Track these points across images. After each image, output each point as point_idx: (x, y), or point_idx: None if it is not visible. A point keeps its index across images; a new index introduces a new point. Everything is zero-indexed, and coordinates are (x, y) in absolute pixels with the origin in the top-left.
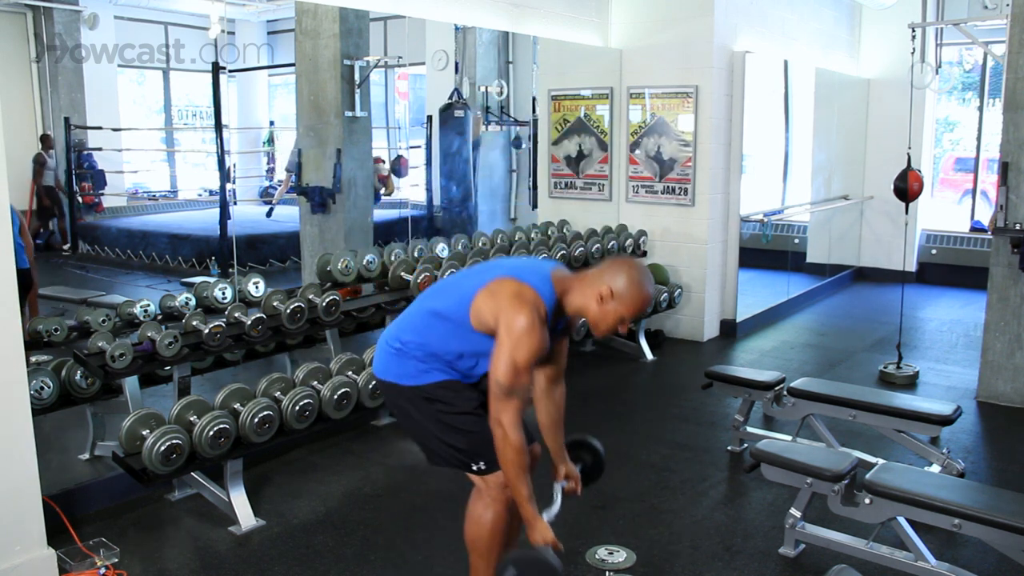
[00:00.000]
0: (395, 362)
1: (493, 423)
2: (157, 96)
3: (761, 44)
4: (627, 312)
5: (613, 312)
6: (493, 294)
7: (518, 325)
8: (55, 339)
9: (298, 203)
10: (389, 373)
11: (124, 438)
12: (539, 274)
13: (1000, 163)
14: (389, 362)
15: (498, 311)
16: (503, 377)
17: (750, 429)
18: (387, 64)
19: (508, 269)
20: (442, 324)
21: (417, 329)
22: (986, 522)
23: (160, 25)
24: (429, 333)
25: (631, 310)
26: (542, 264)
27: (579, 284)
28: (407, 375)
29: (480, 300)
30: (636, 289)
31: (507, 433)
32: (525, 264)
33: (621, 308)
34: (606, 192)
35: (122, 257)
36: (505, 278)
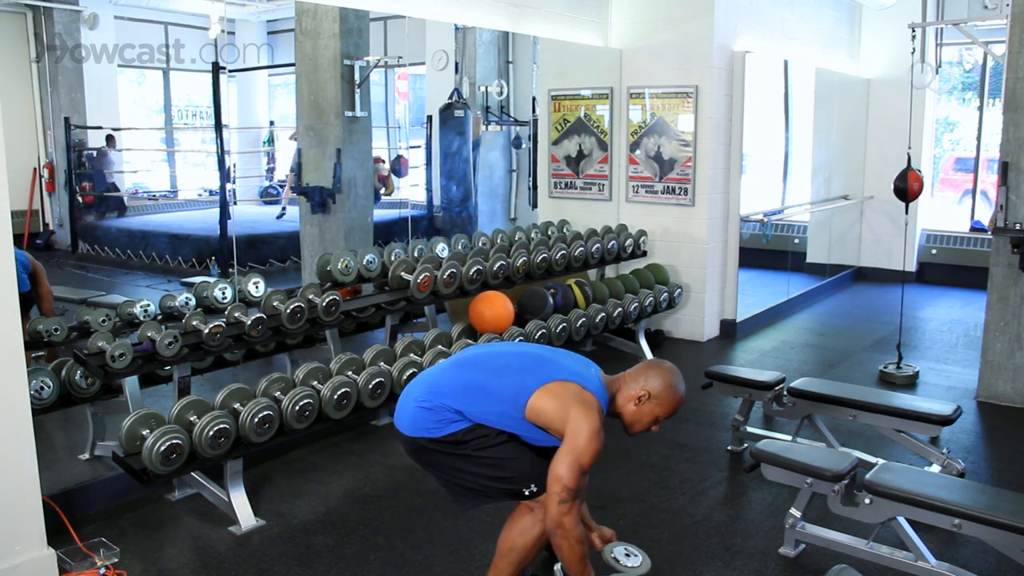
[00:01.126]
0: (422, 417)
1: (553, 525)
2: (157, 96)
3: (761, 44)
4: (663, 413)
5: (649, 413)
6: (557, 396)
7: (586, 431)
8: (55, 339)
9: (298, 203)
10: (418, 429)
11: (124, 438)
12: (594, 381)
13: (1000, 163)
14: (417, 418)
15: (564, 415)
16: (570, 480)
17: (750, 429)
18: (387, 64)
19: (567, 372)
20: (486, 403)
21: (450, 396)
22: (986, 522)
23: (160, 25)
24: (466, 404)
25: (667, 411)
26: (588, 364)
27: (620, 386)
28: (435, 428)
29: (540, 400)
30: (672, 392)
31: (570, 533)
32: (576, 365)
33: (657, 409)
34: (606, 192)
35: (122, 257)
36: (567, 382)
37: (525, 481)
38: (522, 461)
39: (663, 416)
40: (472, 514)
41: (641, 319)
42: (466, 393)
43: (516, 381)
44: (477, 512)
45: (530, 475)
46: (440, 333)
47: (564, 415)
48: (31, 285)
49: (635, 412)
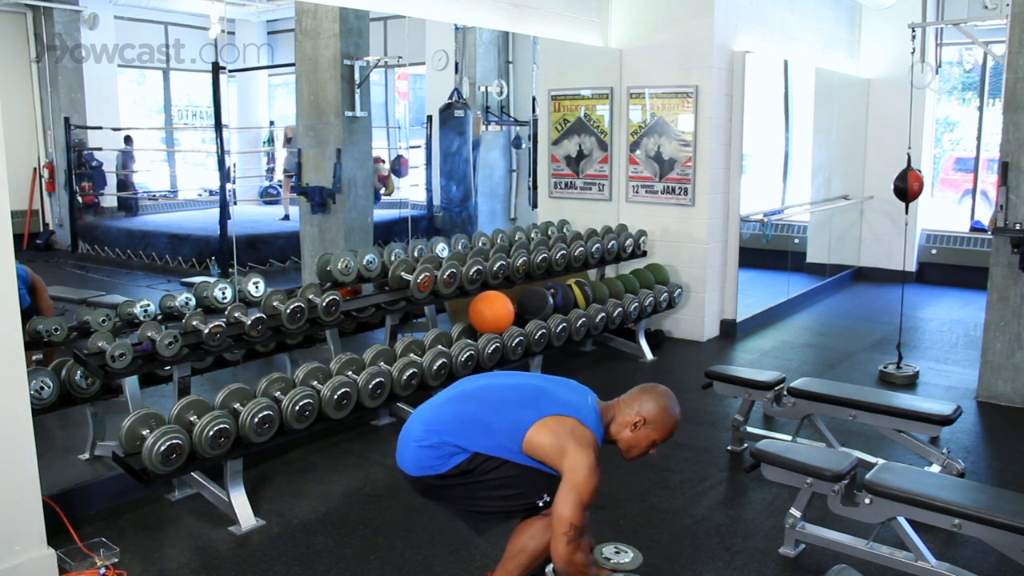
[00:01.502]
0: (425, 455)
1: (565, 563)
2: (157, 96)
3: (761, 44)
4: (659, 437)
5: (645, 438)
6: (554, 433)
7: (583, 468)
8: (55, 339)
9: (298, 203)
10: (422, 468)
11: (124, 438)
12: (589, 413)
13: (1000, 163)
14: (419, 458)
15: (561, 452)
16: (575, 519)
17: (750, 429)
18: (387, 64)
19: (563, 405)
20: (485, 437)
21: (449, 433)
22: (986, 522)
23: (160, 25)
24: (464, 438)
25: (663, 435)
26: (585, 393)
27: (615, 414)
28: (437, 465)
29: (537, 435)
30: (666, 415)
31: (581, 569)
32: (573, 397)
33: (654, 434)
34: (606, 192)
35: (122, 257)
36: (563, 416)
37: (538, 493)
38: (529, 475)
39: (660, 440)
40: None
41: (641, 319)
42: (463, 428)
43: (514, 416)
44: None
45: (540, 486)
46: (440, 333)
47: (561, 452)
48: (31, 300)
49: (631, 438)
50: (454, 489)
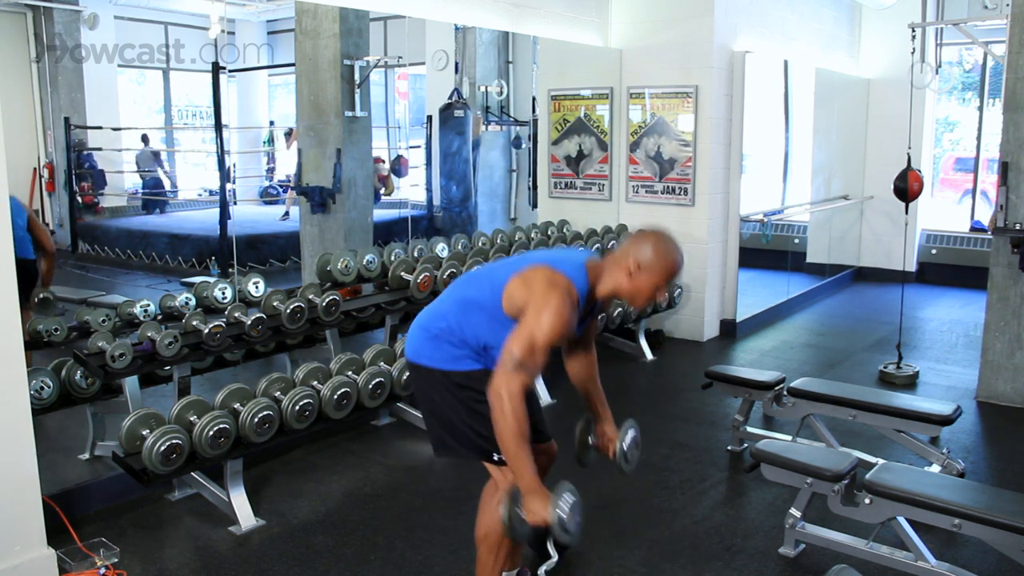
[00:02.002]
0: (429, 346)
1: (493, 393)
2: (157, 96)
3: (761, 44)
4: (660, 279)
5: (646, 283)
6: (527, 280)
7: (545, 306)
8: (55, 339)
9: (298, 203)
10: (422, 357)
11: (124, 438)
12: (574, 263)
13: (1000, 163)
14: (423, 346)
15: (529, 295)
16: (518, 350)
17: (750, 429)
18: (387, 64)
19: (543, 258)
20: (476, 312)
21: (449, 316)
22: (986, 522)
23: (160, 25)
24: (462, 320)
25: (663, 277)
26: (578, 253)
27: (608, 266)
28: (441, 360)
29: (513, 286)
30: (663, 256)
31: (507, 401)
32: (560, 253)
33: (653, 278)
34: (606, 192)
35: (122, 257)
36: (540, 265)
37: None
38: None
39: (662, 283)
40: (472, 514)
41: (641, 319)
42: (463, 309)
43: (494, 279)
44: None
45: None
46: None
47: (528, 297)
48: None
49: (631, 287)
50: (442, 391)
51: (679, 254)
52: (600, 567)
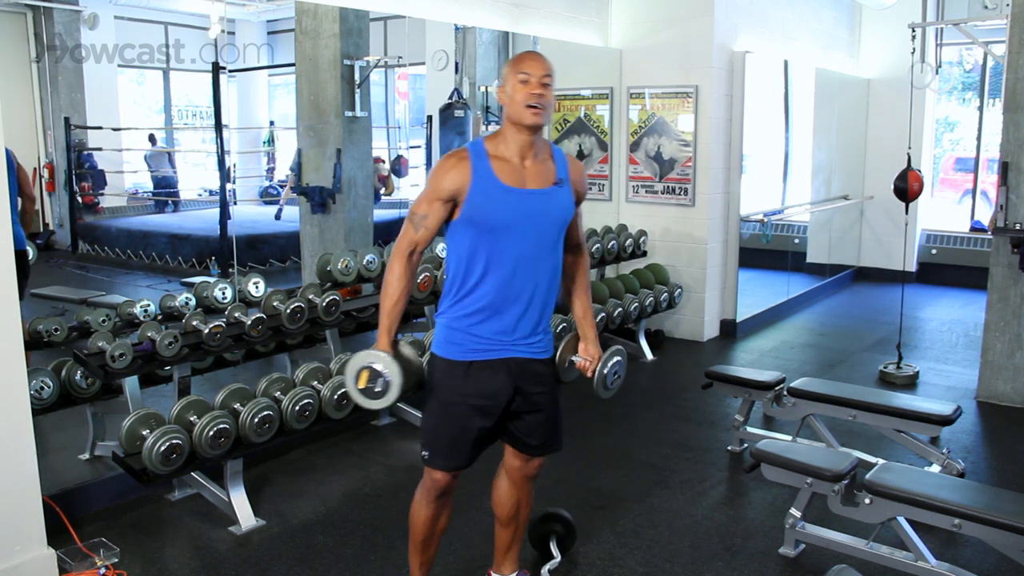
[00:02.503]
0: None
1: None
2: (157, 96)
3: (761, 44)
4: (512, 76)
5: (512, 88)
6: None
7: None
8: (55, 339)
9: (298, 203)
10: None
11: (124, 438)
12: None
13: (1000, 163)
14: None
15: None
16: (414, 204)
17: (750, 429)
18: (387, 64)
19: None
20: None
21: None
22: (986, 522)
23: (160, 25)
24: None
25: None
26: None
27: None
28: (434, 341)
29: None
30: (512, 62)
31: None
32: None
33: (510, 79)
34: (606, 192)
35: (122, 257)
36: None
37: (425, 443)
38: (434, 428)
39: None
40: (472, 514)
41: (641, 319)
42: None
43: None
44: (477, 512)
45: (429, 442)
46: None
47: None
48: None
49: (508, 100)
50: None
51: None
52: (600, 567)
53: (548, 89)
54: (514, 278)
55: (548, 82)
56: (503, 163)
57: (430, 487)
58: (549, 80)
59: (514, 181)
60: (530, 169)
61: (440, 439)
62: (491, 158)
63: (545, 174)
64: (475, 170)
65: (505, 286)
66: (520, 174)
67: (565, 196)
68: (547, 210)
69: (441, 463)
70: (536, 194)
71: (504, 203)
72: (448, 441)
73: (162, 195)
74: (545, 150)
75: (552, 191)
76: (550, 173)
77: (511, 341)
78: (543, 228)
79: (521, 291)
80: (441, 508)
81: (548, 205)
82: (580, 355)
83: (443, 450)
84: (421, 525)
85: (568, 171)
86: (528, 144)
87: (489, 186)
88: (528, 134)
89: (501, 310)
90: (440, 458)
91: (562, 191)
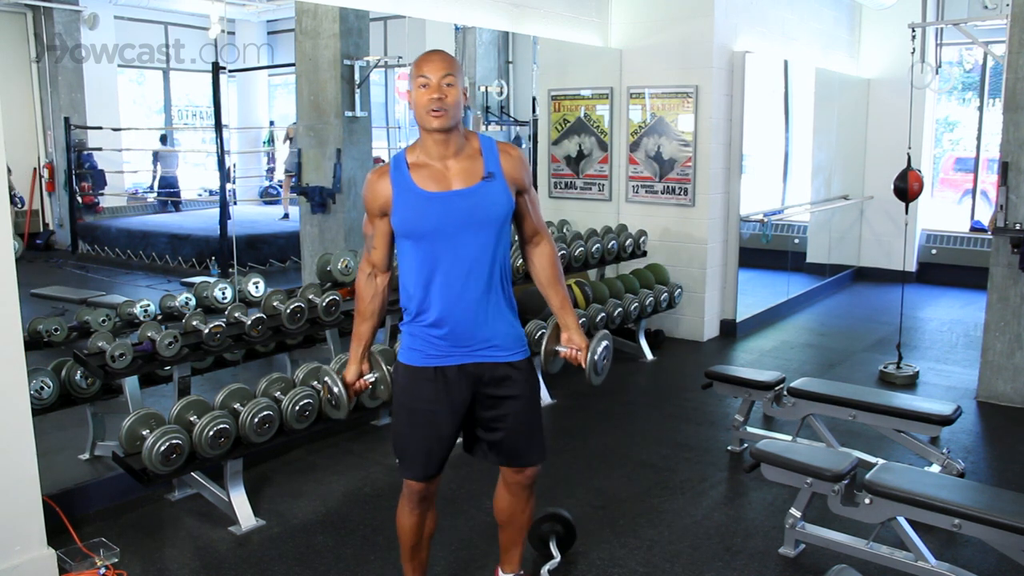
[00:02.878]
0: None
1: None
2: (157, 96)
3: (761, 44)
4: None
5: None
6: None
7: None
8: (55, 339)
9: (298, 203)
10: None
11: (124, 438)
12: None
13: (1000, 163)
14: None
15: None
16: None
17: (750, 429)
18: (387, 64)
19: None
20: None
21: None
22: (986, 522)
23: (160, 25)
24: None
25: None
26: None
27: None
28: (399, 348)
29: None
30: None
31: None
32: None
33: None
34: (606, 192)
35: (122, 257)
36: None
37: (395, 451)
38: (399, 431)
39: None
40: (472, 514)
41: (641, 319)
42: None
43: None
44: (477, 512)
45: (399, 449)
46: None
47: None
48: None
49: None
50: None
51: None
52: (600, 567)
53: (452, 88)
54: (458, 283)
55: (451, 82)
56: (423, 169)
57: (408, 494)
58: (452, 79)
59: (436, 185)
60: (454, 169)
61: (407, 446)
62: (411, 167)
63: (471, 171)
64: (394, 182)
65: (451, 292)
66: (443, 177)
67: (497, 189)
68: (477, 207)
69: (410, 471)
70: (462, 194)
71: (427, 210)
72: (415, 448)
73: (164, 195)
74: (471, 146)
75: (480, 187)
76: (477, 169)
77: (471, 347)
78: (477, 227)
79: (470, 295)
80: (424, 514)
81: (478, 202)
82: (564, 344)
83: (411, 457)
84: (407, 532)
85: (500, 162)
86: (444, 145)
87: (409, 195)
88: (440, 136)
89: (455, 317)
90: (409, 466)
91: (493, 185)
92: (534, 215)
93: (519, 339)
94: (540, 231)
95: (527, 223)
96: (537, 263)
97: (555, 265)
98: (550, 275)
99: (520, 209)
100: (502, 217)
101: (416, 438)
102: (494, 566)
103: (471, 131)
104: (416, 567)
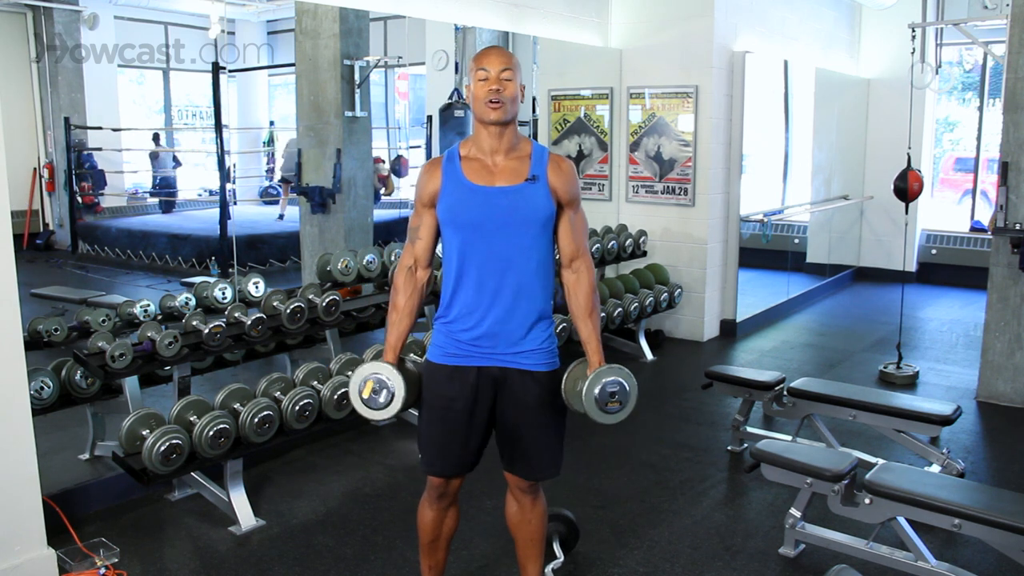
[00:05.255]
0: None
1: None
2: (157, 96)
3: (761, 44)
4: (478, 72)
5: (474, 86)
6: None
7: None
8: (55, 339)
9: (298, 203)
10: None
11: (124, 438)
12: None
13: (1000, 163)
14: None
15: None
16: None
17: (750, 429)
18: (387, 64)
19: None
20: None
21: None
22: (986, 522)
23: (160, 25)
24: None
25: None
26: None
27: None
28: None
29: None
30: (473, 59)
31: (392, 286)
32: None
33: (473, 77)
34: (606, 192)
35: (122, 257)
36: None
37: (419, 447)
38: (422, 428)
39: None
40: (472, 514)
41: (641, 319)
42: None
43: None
44: (477, 512)
45: (422, 445)
46: None
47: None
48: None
49: (472, 100)
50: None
51: (485, 48)
52: (600, 567)
53: (510, 83)
54: (489, 280)
55: (509, 76)
56: (473, 162)
57: (429, 490)
58: (510, 74)
59: (483, 179)
60: (500, 166)
61: (428, 442)
62: (462, 159)
63: (517, 171)
64: (445, 172)
65: (481, 288)
66: (490, 172)
67: (539, 193)
68: (517, 207)
69: (430, 467)
70: (504, 191)
71: (470, 201)
72: (435, 444)
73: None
74: (523, 149)
75: (522, 187)
76: (523, 170)
77: (495, 350)
78: (513, 226)
79: (499, 295)
80: (445, 511)
81: (518, 202)
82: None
83: (431, 453)
84: (425, 527)
85: (546, 169)
86: (497, 140)
87: (456, 186)
88: (495, 130)
89: (480, 314)
90: (429, 461)
91: (535, 188)
92: (575, 235)
93: (549, 352)
94: (581, 256)
95: (567, 242)
96: (572, 290)
97: (589, 296)
98: (583, 306)
99: (560, 223)
100: (541, 221)
101: (432, 434)
102: (494, 565)
103: (527, 137)
104: (433, 567)
